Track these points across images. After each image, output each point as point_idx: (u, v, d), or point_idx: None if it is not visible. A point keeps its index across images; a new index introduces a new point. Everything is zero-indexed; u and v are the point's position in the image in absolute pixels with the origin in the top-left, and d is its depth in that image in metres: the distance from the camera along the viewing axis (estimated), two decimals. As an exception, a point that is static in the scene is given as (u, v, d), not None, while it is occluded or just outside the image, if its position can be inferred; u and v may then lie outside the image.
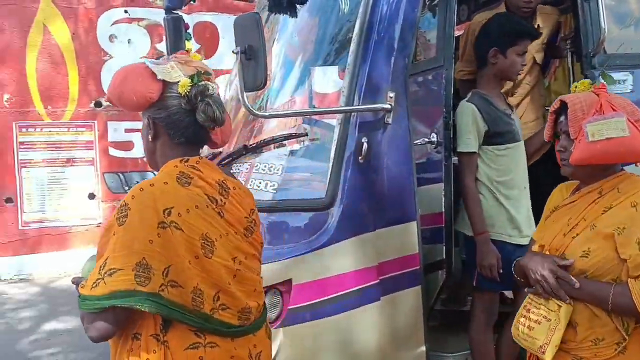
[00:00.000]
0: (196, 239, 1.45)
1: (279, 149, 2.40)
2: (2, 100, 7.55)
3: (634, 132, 1.68)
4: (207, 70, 1.59)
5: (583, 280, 1.72)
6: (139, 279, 1.38)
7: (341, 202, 2.01)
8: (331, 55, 2.44)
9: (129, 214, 1.44)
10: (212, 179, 1.53)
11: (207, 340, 1.46)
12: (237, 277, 1.52)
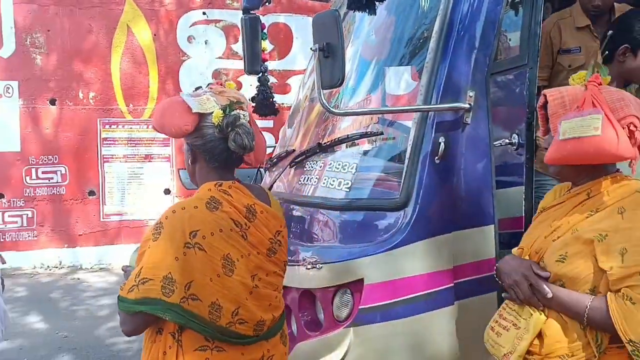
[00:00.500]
0: (217, 259, 1.64)
1: (353, 147, 2.38)
2: (88, 97, 7.96)
3: (607, 132, 1.53)
4: (239, 100, 1.78)
5: (558, 289, 1.59)
6: (165, 290, 1.57)
7: (416, 203, 1.98)
8: (409, 54, 2.40)
9: (162, 232, 1.64)
10: (240, 203, 1.71)
11: (215, 345, 1.65)
12: (253, 293, 1.70)
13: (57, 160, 7.85)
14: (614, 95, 1.61)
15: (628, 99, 1.61)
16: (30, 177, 7.64)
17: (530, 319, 1.60)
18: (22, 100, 7.72)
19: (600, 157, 1.56)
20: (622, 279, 1.50)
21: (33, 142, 7.75)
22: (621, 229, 1.52)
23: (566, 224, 1.63)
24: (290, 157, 2.79)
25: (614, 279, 1.51)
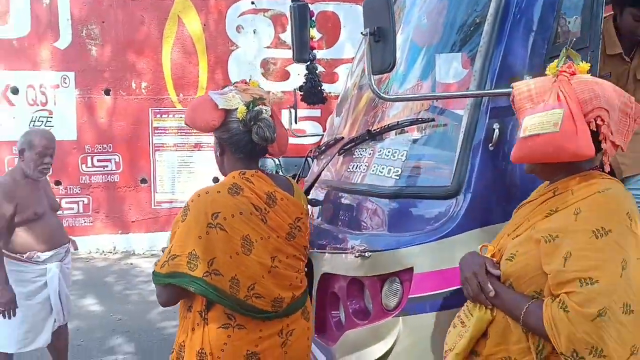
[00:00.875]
0: (237, 239, 1.82)
1: (403, 134, 2.34)
2: (140, 87, 8.15)
3: (567, 128, 1.42)
4: (262, 96, 1.98)
5: (503, 288, 1.51)
6: (190, 265, 1.78)
7: (468, 190, 1.92)
8: (462, 38, 2.33)
9: (188, 214, 1.83)
10: (261, 190, 1.89)
11: (237, 322, 1.84)
12: (271, 272, 1.88)
13: (111, 148, 8.08)
14: (584, 86, 1.48)
15: (599, 90, 1.48)
16: (86, 165, 7.90)
17: (473, 318, 1.56)
18: (78, 90, 7.97)
19: (560, 155, 1.45)
20: (560, 284, 1.39)
21: (88, 131, 8.01)
22: (571, 231, 1.42)
23: (526, 222, 1.56)
24: (338, 145, 2.77)
25: (553, 284, 1.41)
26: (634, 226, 1.41)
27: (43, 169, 3.23)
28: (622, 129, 1.48)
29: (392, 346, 1.92)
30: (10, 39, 7.76)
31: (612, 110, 1.46)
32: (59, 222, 3.46)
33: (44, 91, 7.86)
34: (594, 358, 1.34)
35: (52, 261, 3.30)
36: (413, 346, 1.92)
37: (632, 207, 1.45)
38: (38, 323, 3.28)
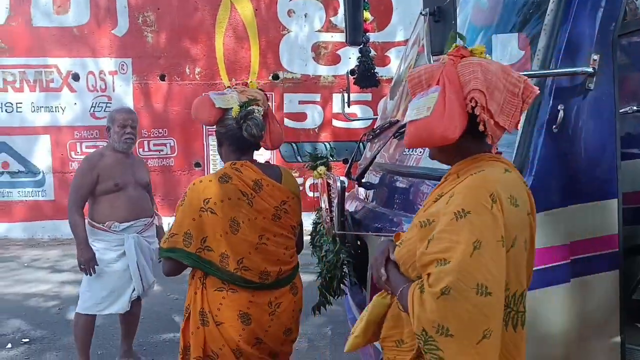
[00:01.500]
0: (226, 221, 2.17)
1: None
2: (194, 73, 8.29)
3: (438, 111, 1.39)
4: (255, 97, 2.28)
5: (393, 272, 1.51)
6: (185, 242, 2.17)
7: (530, 173, 1.87)
8: (525, 17, 2.26)
9: (185, 200, 2.21)
10: (248, 178, 2.23)
11: (230, 287, 2.22)
12: (258, 249, 2.23)
13: (166, 133, 8.28)
14: (466, 69, 1.44)
15: (480, 71, 1.42)
16: (143, 149, 8.13)
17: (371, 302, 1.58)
18: (135, 76, 8.19)
19: (432, 139, 1.43)
20: (423, 267, 1.37)
21: (144, 116, 8.22)
22: (441, 215, 1.39)
23: (422, 208, 1.55)
24: (393, 128, 2.74)
25: (419, 267, 1.39)
26: (496, 208, 1.35)
27: (126, 139, 3.48)
28: (508, 110, 1.45)
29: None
30: (71, 27, 8.03)
31: (493, 91, 1.42)
32: (143, 196, 3.60)
33: (103, 77, 8.12)
34: (441, 337, 1.30)
35: (130, 232, 3.49)
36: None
37: (500, 189, 1.39)
38: (116, 290, 3.50)
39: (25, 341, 4.21)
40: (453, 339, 1.29)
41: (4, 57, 8.00)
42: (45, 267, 6.35)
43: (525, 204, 1.47)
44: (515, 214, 1.40)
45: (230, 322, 2.23)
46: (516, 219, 1.40)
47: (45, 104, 8.08)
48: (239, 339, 2.23)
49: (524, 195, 1.48)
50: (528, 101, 1.48)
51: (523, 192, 1.47)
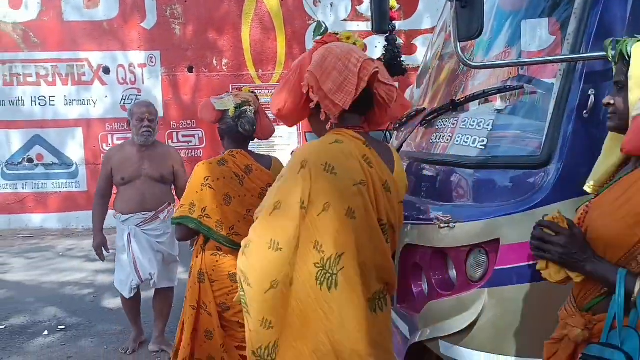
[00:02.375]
0: (220, 195, 2.67)
1: (489, 103, 2.27)
2: (221, 64, 8.36)
3: (276, 90, 1.70)
4: (247, 99, 2.77)
5: None
6: (190, 210, 2.67)
7: (560, 160, 1.85)
8: (553, 1, 2.22)
9: (192, 177, 2.73)
10: (241, 163, 2.73)
11: (222, 252, 2.72)
12: (246, 219, 2.65)
13: (194, 124, 8.37)
14: (316, 53, 1.61)
15: (321, 54, 1.58)
16: (172, 141, 8.24)
17: None
18: (164, 68, 8.29)
19: (273, 113, 1.78)
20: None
21: (173, 107, 8.33)
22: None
23: None
24: (420, 116, 2.73)
25: None
26: (304, 172, 1.50)
27: (144, 132, 3.62)
28: (347, 88, 1.54)
29: (477, 318, 1.90)
30: (101, 21, 8.16)
31: (331, 72, 1.55)
32: (150, 190, 3.69)
33: (133, 70, 8.23)
34: (245, 284, 1.52)
35: (129, 224, 3.68)
36: (499, 318, 1.89)
37: (313, 157, 1.53)
38: (125, 276, 3.74)
39: (61, 328, 4.34)
40: (250, 287, 1.50)
41: (36, 51, 8.17)
42: (79, 257, 6.51)
43: (353, 174, 1.54)
44: (330, 180, 1.50)
45: (221, 280, 2.70)
46: (330, 185, 1.49)
47: (77, 97, 8.25)
48: (227, 295, 2.69)
49: (352, 166, 1.55)
50: (364, 79, 1.55)
51: (351, 163, 1.55)
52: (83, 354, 3.88)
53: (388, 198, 1.64)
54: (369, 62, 1.59)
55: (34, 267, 6.23)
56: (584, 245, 1.39)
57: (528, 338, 1.84)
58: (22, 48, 8.16)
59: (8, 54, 8.16)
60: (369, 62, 1.59)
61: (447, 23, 2.89)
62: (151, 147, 3.71)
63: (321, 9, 8.30)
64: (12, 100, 8.19)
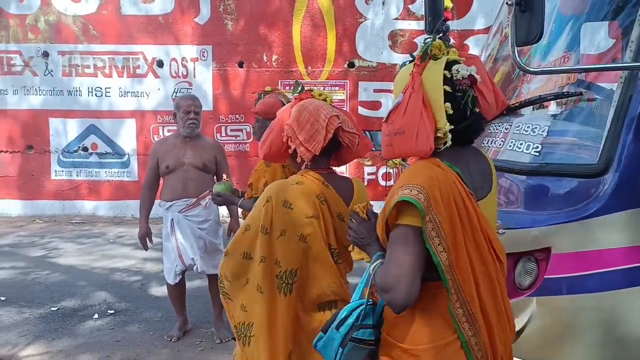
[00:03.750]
0: None
1: (544, 109, 2.24)
2: (271, 60, 8.43)
3: (262, 138, 2.14)
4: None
5: None
6: None
7: (617, 170, 1.80)
8: (615, 7, 2.16)
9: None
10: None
11: None
12: None
13: (243, 119, 8.49)
14: (294, 108, 2.00)
15: (300, 110, 1.97)
16: (220, 134, 8.39)
17: None
18: (215, 63, 8.43)
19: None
20: None
21: (223, 102, 8.46)
22: None
23: None
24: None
25: None
26: (267, 206, 1.91)
27: (190, 124, 3.78)
28: (316, 138, 1.92)
29: (524, 326, 1.88)
30: (157, 15, 8.36)
31: (305, 125, 1.94)
32: (192, 178, 3.82)
33: (185, 64, 8.41)
34: (225, 280, 2.01)
35: (173, 210, 3.82)
36: (547, 328, 1.86)
37: (276, 194, 1.92)
38: (172, 262, 3.86)
39: (110, 313, 4.49)
40: (230, 283, 1.98)
41: (95, 44, 8.45)
42: (129, 244, 6.72)
43: (306, 209, 1.92)
44: (287, 214, 1.90)
45: None
46: (287, 217, 1.90)
47: (132, 89, 8.49)
48: None
49: (308, 203, 1.92)
50: (330, 131, 1.91)
51: (307, 200, 1.92)
52: (130, 339, 4.00)
53: (341, 226, 1.96)
54: (335, 118, 1.93)
55: (86, 252, 6.46)
56: (371, 232, 1.61)
57: (579, 349, 1.81)
58: (81, 40, 8.46)
59: (68, 45, 8.47)
60: (334, 118, 1.93)
61: (503, 25, 2.85)
62: (195, 138, 3.87)
63: (372, 7, 8.27)
64: (70, 90, 8.50)
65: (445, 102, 1.43)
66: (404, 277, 1.34)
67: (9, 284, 5.28)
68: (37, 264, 5.91)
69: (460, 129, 1.43)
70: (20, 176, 8.66)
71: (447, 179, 1.39)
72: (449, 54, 1.51)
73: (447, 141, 1.42)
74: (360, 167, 8.60)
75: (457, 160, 1.46)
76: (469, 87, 1.46)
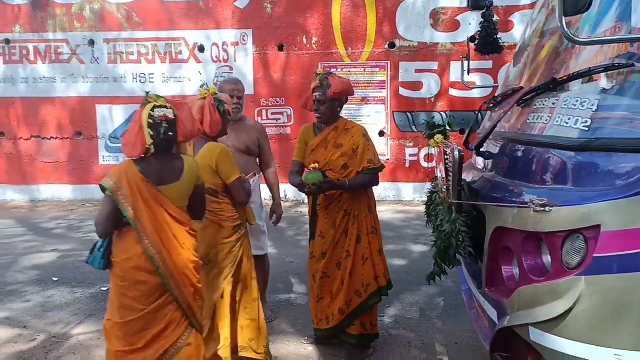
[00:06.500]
0: None
1: (593, 82, 2.14)
2: (310, 42, 8.40)
3: None
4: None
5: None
6: None
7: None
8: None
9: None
10: None
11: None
12: None
13: (283, 102, 8.51)
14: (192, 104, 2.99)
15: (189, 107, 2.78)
16: (261, 118, 8.44)
17: None
18: (255, 47, 8.46)
19: None
20: None
21: (263, 85, 8.50)
22: None
23: None
24: (516, 95, 2.62)
25: None
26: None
27: (233, 108, 3.70)
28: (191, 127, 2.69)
29: (571, 306, 1.82)
30: (197, 0, 8.43)
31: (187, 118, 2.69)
32: (238, 161, 3.74)
33: (226, 48, 8.47)
34: None
35: None
36: (596, 308, 1.80)
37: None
38: None
39: (157, 292, 4.61)
40: None
41: (138, 30, 8.59)
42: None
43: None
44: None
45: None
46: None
47: (173, 74, 8.61)
48: None
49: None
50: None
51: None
52: (176, 318, 4.10)
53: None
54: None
55: (133, 234, 6.63)
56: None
57: (629, 330, 1.75)
58: (125, 27, 8.61)
59: (112, 32, 8.64)
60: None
61: (549, -3, 2.75)
62: (238, 121, 3.86)
63: (413, -16, 8.12)
64: (115, 76, 8.69)
65: (148, 128, 2.50)
66: (101, 215, 2.57)
67: (61, 265, 5.48)
68: (87, 246, 6.08)
69: (156, 145, 2.53)
70: (70, 161, 8.95)
71: (133, 170, 2.53)
72: (157, 100, 2.58)
73: (150, 150, 2.51)
74: (401, 148, 8.52)
75: (145, 160, 2.55)
76: (163, 121, 2.53)
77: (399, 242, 6.25)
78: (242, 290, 3.19)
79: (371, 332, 3.46)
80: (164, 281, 2.51)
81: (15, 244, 6.46)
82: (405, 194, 8.58)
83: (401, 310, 4.26)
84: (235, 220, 3.12)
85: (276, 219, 4.00)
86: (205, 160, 3.00)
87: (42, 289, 4.82)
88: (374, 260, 3.41)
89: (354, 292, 3.38)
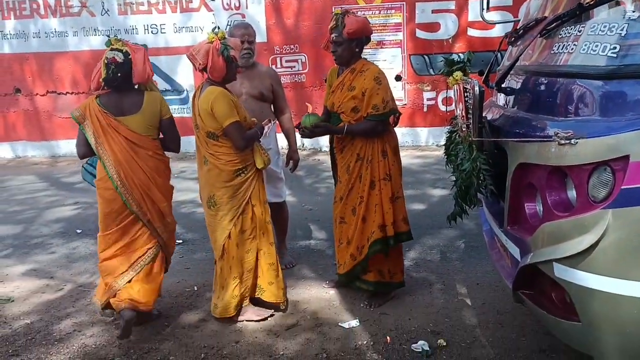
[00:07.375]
0: None
1: (621, 6, 2.02)
2: (324, -15, 8.15)
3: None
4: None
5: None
6: None
7: None
8: None
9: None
10: None
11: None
12: None
13: (297, 49, 8.35)
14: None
15: (199, 46, 3.06)
16: (275, 66, 8.30)
17: None
18: (267, -8, 8.23)
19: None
20: None
21: (277, 32, 8.32)
22: None
23: None
24: (539, 26, 2.49)
25: None
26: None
27: (244, 54, 3.64)
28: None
29: (598, 240, 1.77)
30: (206, -55, 8.18)
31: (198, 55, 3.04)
32: (251, 108, 3.63)
33: (237, -5, 8.26)
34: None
35: None
36: (624, 241, 1.75)
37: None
38: None
39: (179, 242, 4.65)
40: None
41: (147, -20, 8.40)
42: (192, 178, 6.89)
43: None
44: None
45: None
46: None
47: (185, 24, 8.46)
48: None
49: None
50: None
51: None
52: (198, 266, 4.16)
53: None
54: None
55: (153, 187, 6.67)
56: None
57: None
58: (134, -23, 8.43)
59: (121, -17, 8.47)
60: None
61: None
62: (250, 67, 3.76)
63: None
64: (126, 28, 8.57)
65: (103, 68, 2.96)
66: (77, 141, 3.11)
67: (84, 218, 5.56)
68: (108, 199, 6.16)
69: (106, 82, 2.99)
70: (87, 117, 8.95)
71: (94, 104, 3.01)
72: (118, 44, 3.03)
73: (102, 86, 3.00)
74: (419, 92, 8.37)
75: (106, 96, 3.03)
76: (112, 63, 2.95)
77: (418, 187, 6.20)
78: (259, 236, 3.19)
79: (390, 280, 3.39)
80: (122, 198, 3.02)
81: (38, 198, 6.56)
82: (424, 139, 8.47)
83: (422, 253, 4.25)
84: (236, 164, 3.09)
85: (293, 165, 3.96)
86: (203, 105, 3.02)
87: (67, 241, 4.90)
88: (384, 207, 3.28)
89: (367, 239, 3.33)
